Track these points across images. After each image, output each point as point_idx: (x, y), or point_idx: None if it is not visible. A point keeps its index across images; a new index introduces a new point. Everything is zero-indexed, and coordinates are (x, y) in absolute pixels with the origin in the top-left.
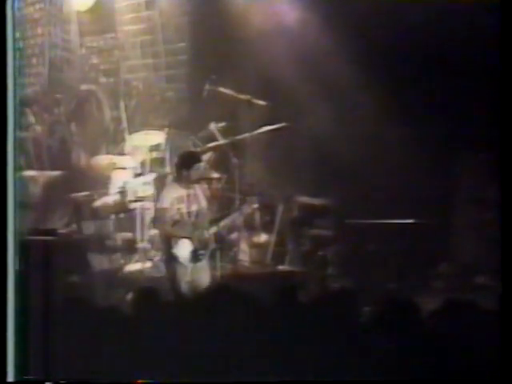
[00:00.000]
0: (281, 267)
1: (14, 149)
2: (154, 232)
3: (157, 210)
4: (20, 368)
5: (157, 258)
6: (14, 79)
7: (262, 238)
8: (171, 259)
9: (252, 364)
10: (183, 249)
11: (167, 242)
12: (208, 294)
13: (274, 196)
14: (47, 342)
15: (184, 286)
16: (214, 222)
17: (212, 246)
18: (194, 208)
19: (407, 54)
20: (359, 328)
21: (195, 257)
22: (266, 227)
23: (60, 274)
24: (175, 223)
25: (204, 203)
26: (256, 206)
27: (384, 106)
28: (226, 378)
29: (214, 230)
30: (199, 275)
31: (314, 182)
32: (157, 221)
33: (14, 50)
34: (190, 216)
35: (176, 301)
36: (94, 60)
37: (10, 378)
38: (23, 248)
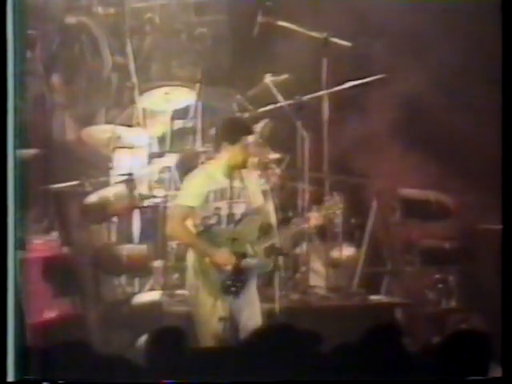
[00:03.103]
0: (375, 297)
1: None
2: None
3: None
4: (20, 368)
5: (180, 283)
6: None
7: (346, 252)
8: (199, 286)
9: None
10: (213, 271)
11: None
12: (259, 337)
13: (363, 187)
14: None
15: (219, 326)
16: (271, 228)
17: (264, 264)
18: (240, 209)
19: None
20: None
21: (231, 285)
22: (352, 236)
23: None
24: (204, 231)
25: (260, 199)
26: (335, 201)
27: None
28: None
29: (270, 240)
30: (243, 309)
31: (426, 164)
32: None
33: None
34: (230, 220)
35: (210, 349)
36: None
37: (10, 377)
38: None
